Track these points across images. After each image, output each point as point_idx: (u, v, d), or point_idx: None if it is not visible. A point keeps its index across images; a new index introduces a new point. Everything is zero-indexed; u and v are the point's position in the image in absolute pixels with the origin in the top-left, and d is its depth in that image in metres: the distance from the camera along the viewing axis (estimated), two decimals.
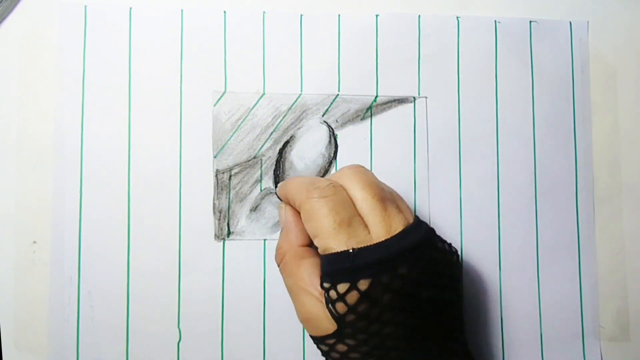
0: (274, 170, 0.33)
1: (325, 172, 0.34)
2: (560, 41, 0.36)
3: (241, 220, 0.33)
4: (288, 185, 0.29)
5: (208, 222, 0.33)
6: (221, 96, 0.33)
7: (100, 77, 0.33)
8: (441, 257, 0.27)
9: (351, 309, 0.24)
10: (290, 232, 0.29)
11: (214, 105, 0.33)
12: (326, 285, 0.25)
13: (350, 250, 0.24)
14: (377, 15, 0.35)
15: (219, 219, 0.33)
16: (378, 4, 0.35)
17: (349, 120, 0.34)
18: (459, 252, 0.28)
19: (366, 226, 0.25)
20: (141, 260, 0.32)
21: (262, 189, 0.33)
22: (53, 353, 0.31)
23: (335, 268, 0.25)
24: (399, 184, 0.33)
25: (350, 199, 0.26)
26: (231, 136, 0.33)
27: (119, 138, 0.32)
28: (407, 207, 0.28)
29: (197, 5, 0.34)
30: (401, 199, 0.28)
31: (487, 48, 0.35)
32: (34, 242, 0.32)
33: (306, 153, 0.34)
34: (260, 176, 0.33)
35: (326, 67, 0.34)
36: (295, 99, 0.34)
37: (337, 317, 0.25)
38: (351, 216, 0.25)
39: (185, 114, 0.33)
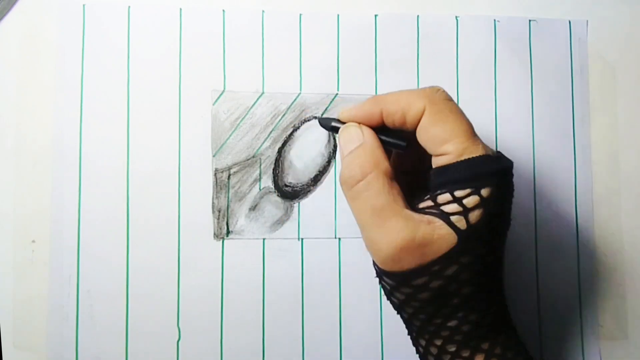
0: (273, 169, 0.33)
1: (324, 171, 0.34)
2: (560, 40, 0.36)
3: (240, 219, 0.33)
4: (382, 97, 0.26)
5: (207, 221, 0.33)
6: (220, 95, 0.33)
7: (99, 76, 0.33)
8: None
9: (487, 214, 0.23)
10: (375, 150, 0.25)
11: (213, 104, 0.33)
12: (461, 192, 0.23)
13: (490, 154, 0.24)
14: (376, 15, 0.35)
15: (218, 218, 0.33)
16: (377, 4, 0.35)
17: None
18: None
19: None
20: (140, 259, 0.32)
21: (261, 188, 0.33)
22: (52, 352, 0.31)
23: (480, 171, 0.23)
24: None
25: None
26: (230, 135, 0.33)
27: (117, 137, 0.32)
28: None
29: (196, 4, 0.34)
30: None
31: (486, 47, 0.35)
32: (33, 242, 0.32)
33: (305, 152, 0.34)
34: (259, 175, 0.33)
35: (325, 67, 0.34)
36: (294, 98, 0.34)
37: (463, 230, 0.23)
38: None
39: (184, 113, 0.33)
